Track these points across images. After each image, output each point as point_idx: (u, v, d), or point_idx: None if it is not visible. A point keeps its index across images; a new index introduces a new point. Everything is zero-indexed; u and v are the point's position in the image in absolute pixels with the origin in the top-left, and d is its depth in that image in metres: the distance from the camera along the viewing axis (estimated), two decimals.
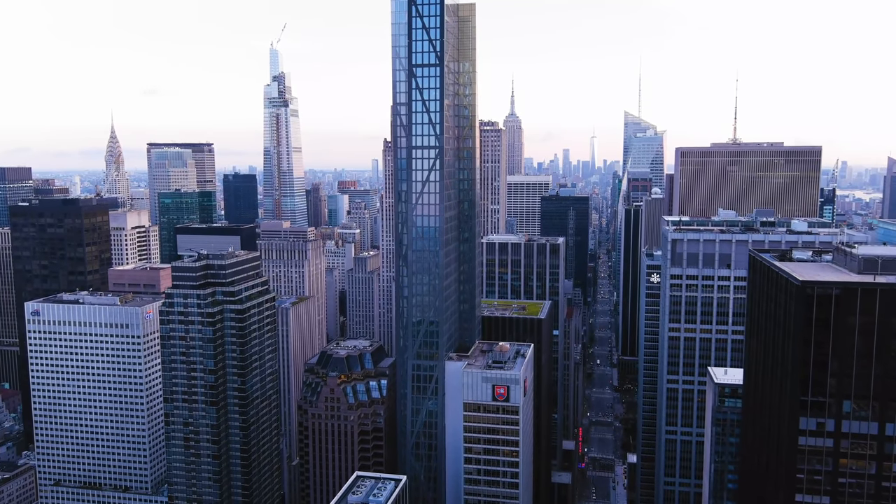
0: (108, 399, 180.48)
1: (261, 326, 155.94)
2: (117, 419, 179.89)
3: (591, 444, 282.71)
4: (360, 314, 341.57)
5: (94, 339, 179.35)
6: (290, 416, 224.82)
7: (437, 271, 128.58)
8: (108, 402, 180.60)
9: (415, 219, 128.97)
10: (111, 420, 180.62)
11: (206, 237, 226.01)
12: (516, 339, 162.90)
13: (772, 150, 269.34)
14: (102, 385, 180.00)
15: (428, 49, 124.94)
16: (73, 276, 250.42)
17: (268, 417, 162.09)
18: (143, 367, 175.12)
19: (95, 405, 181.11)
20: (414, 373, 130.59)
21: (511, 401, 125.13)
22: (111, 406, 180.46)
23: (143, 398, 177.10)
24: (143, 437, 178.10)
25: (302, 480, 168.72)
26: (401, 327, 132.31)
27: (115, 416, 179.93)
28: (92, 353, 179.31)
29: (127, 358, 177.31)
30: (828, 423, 74.74)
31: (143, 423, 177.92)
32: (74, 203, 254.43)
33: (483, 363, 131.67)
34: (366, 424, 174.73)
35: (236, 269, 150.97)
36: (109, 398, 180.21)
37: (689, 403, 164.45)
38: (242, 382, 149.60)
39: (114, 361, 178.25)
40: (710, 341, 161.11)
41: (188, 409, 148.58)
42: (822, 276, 77.47)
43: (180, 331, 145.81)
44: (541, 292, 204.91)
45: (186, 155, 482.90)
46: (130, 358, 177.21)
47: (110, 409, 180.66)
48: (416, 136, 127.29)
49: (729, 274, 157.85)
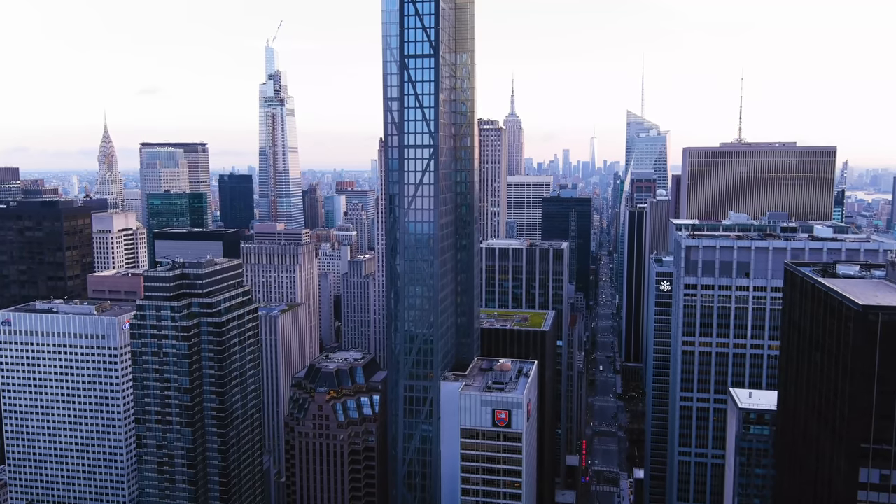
0: (82, 414, 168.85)
1: (242, 340, 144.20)
2: (93, 436, 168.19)
3: (595, 455, 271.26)
4: (355, 320, 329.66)
5: (68, 351, 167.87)
6: (280, 430, 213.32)
7: (432, 282, 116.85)
8: (82, 417, 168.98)
9: (407, 225, 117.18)
10: (86, 437, 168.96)
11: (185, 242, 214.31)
12: (518, 353, 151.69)
13: (784, 150, 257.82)
14: (77, 400, 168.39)
15: (421, 38, 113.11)
16: (52, 281, 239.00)
17: (249, 438, 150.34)
18: (120, 381, 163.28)
19: (69, 421, 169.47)
20: (406, 394, 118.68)
21: (513, 427, 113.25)
22: (86, 422, 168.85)
23: (121, 414, 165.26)
24: (121, 455, 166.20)
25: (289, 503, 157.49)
26: (392, 344, 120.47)
27: (91, 433, 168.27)
28: (65, 366, 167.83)
29: (103, 371, 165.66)
30: (894, 476, 62.79)
31: (121, 440, 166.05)
32: (54, 205, 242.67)
33: (482, 384, 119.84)
34: (357, 444, 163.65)
35: (215, 279, 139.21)
36: (84, 414, 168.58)
37: (703, 423, 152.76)
38: (221, 401, 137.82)
39: (89, 375, 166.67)
40: (726, 356, 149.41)
41: (161, 430, 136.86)
42: (886, 300, 65.47)
43: (153, 346, 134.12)
44: (543, 300, 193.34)
45: (178, 155, 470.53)
46: (107, 371, 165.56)
47: (85, 426, 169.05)
48: (409, 134, 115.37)
49: (748, 284, 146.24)
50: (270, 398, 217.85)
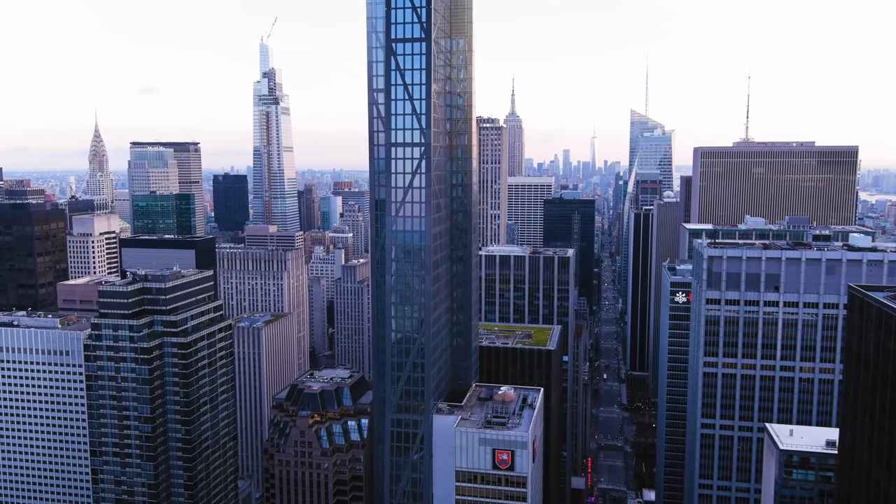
0: (44, 438, 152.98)
1: (213, 361, 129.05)
2: (55, 462, 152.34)
3: (600, 472, 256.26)
4: (348, 327, 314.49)
5: (27, 368, 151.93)
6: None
7: (424, 301, 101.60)
8: (44, 441, 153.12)
9: (395, 235, 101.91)
10: (48, 463, 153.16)
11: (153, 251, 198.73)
12: (521, 373, 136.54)
13: (802, 150, 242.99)
14: (38, 422, 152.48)
15: (411, 19, 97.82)
16: (22, 289, 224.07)
17: (222, 470, 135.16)
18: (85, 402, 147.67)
19: (29, 446, 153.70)
20: (393, 429, 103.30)
21: (516, 469, 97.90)
22: (48, 447, 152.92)
23: (83, 439, 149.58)
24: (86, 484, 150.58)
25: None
26: (377, 371, 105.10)
27: (53, 459, 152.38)
28: (23, 385, 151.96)
29: (64, 392, 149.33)
30: None
31: (84, 470, 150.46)
32: (24, 208, 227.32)
33: (481, 417, 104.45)
34: (343, 473, 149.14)
35: (181, 293, 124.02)
36: (46, 437, 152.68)
37: (727, 453, 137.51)
38: (187, 431, 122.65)
39: (49, 396, 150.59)
40: (753, 379, 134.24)
41: (120, 464, 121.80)
42: None
43: (109, 369, 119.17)
44: (548, 312, 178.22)
45: (168, 154, 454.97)
46: (69, 391, 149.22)
47: (47, 451, 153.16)
48: (397, 131, 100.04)
49: (777, 299, 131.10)
50: (253, 416, 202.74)
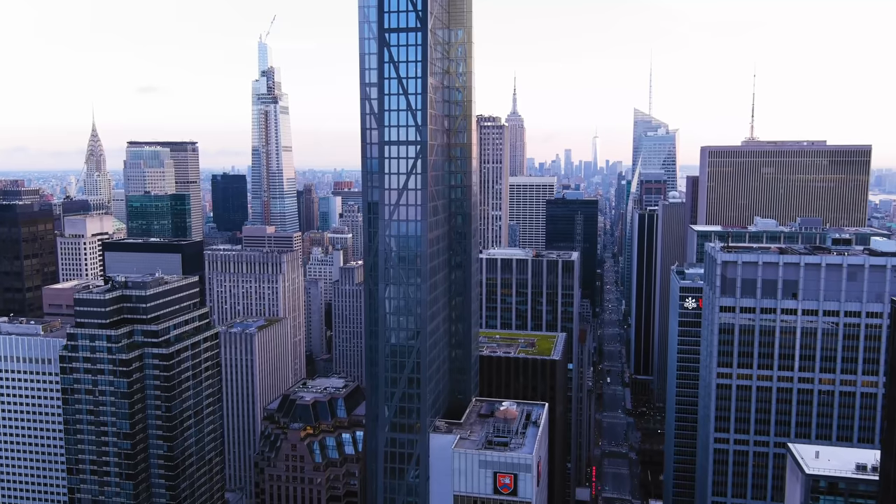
0: (22, 451, 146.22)
1: (197, 373, 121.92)
2: (32, 479, 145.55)
3: (605, 480, 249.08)
4: (346, 330, 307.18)
5: (8, 377, 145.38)
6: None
7: (420, 311, 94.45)
8: (22, 454, 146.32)
9: (388, 240, 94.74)
10: (26, 477, 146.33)
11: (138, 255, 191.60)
12: (524, 385, 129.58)
13: (813, 149, 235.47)
14: (16, 434, 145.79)
15: (406, 7, 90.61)
16: (9, 293, 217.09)
17: (208, 487, 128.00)
18: None
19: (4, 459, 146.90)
20: (387, 449, 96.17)
21: (519, 494, 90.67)
22: (27, 460, 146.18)
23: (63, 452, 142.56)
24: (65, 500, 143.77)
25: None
26: (370, 387, 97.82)
27: (32, 473, 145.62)
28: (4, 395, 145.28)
29: (45, 402, 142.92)
30: None
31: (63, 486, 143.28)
32: (10, 209, 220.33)
33: (481, 436, 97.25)
34: (336, 488, 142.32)
35: (163, 300, 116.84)
36: (24, 450, 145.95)
37: (741, 469, 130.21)
38: (170, 447, 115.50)
39: (29, 407, 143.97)
40: (769, 391, 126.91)
41: (98, 483, 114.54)
42: None
43: (86, 382, 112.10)
44: (551, 319, 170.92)
45: (164, 154, 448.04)
46: (48, 402, 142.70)
47: (26, 464, 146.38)
48: (390, 128, 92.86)
49: (795, 306, 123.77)
50: (246, 426, 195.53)
